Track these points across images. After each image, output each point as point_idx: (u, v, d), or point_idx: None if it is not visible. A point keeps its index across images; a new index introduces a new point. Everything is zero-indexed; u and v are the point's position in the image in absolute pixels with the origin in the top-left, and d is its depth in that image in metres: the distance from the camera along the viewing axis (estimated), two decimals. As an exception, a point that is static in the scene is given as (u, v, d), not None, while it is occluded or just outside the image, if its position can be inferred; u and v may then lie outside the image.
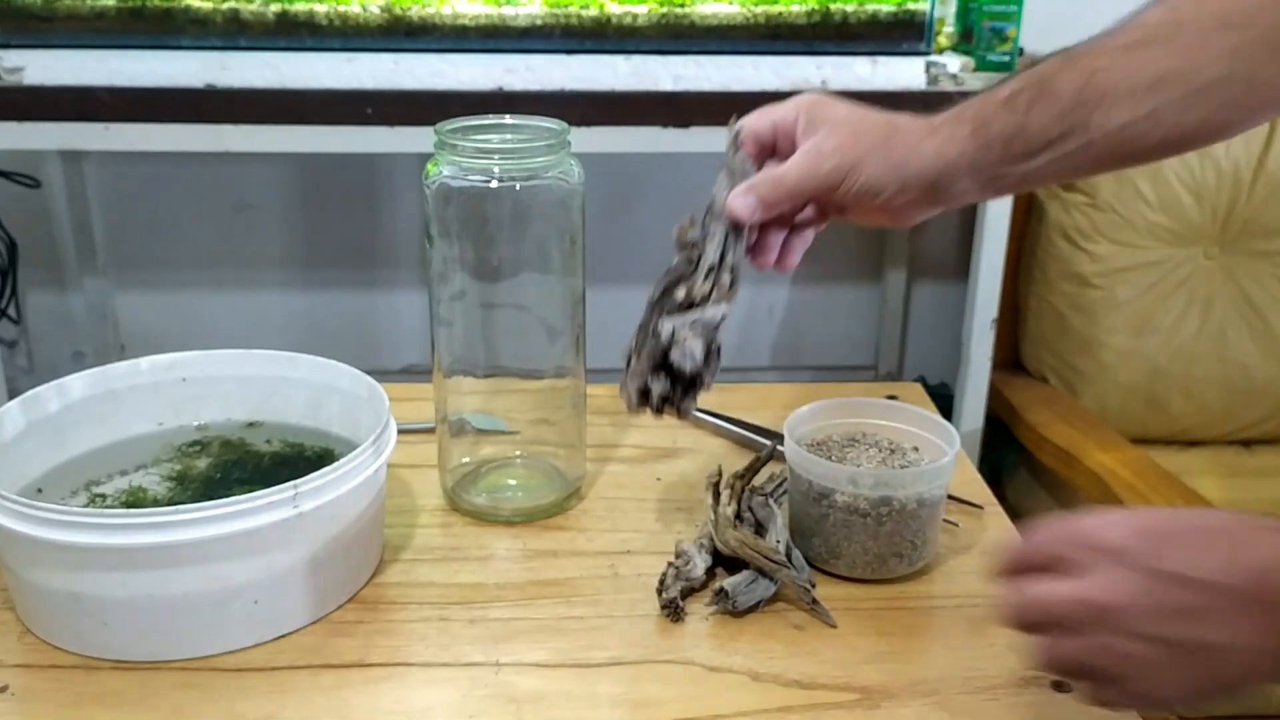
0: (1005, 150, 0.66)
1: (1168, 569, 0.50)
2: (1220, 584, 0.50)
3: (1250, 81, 0.65)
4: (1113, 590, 0.51)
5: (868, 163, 0.66)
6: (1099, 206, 1.75)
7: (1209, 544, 0.51)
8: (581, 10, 1.52)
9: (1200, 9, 0.65)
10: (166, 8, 1.50)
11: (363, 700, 0.66)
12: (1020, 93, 0.66)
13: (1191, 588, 0.50)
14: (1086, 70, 0.65)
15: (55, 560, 0.67)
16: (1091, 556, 0.52)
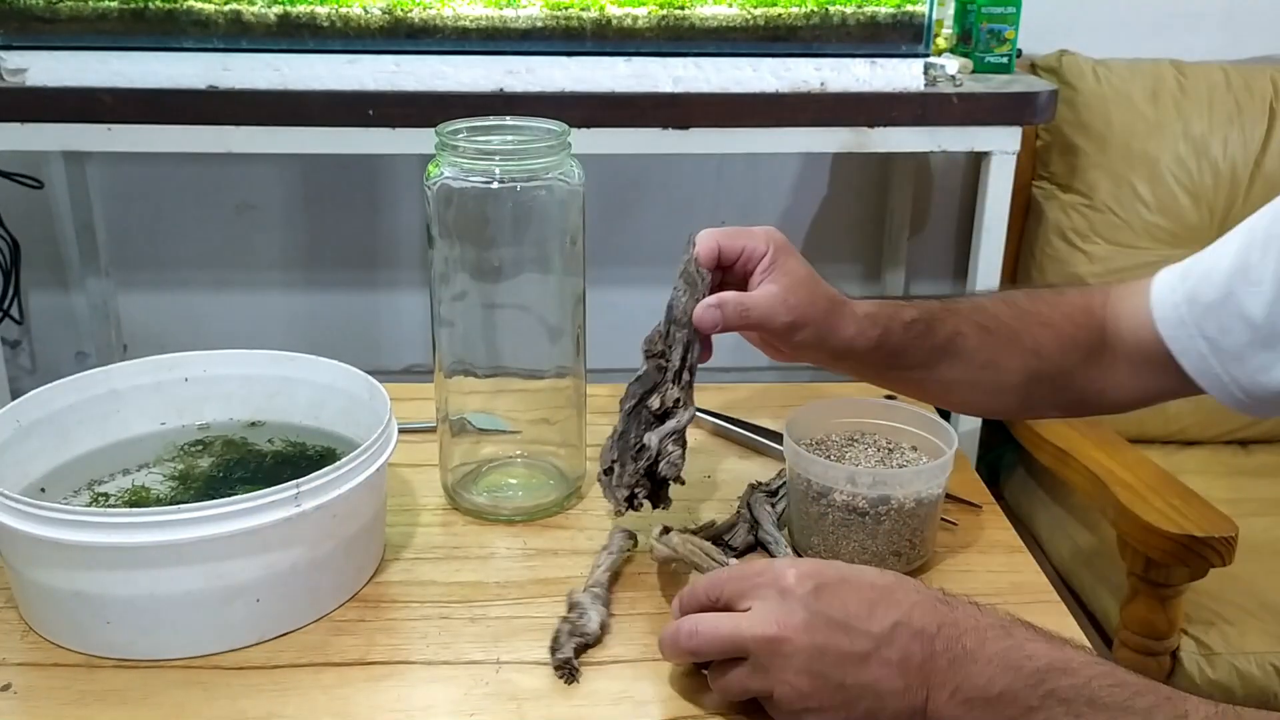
0: (890, 360, 0.81)
1: (826, 614, 0.57)
2: (875, 632, 0.57)
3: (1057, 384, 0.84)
4: (778, 622, 0.57)
5: (810, 328, 0.77)
6: (1096, 207, 1.75)
7: (867, 597, 0.58)
8: (582, 12, 1.53)
9: (1026, 321, 0.84)
10: (169, 9, 1.50)
11: (364, 698, 0.66)
12: (916, 321, 0.81)
13: (848, 633, 0.57)
14: (954, 330, 0.82)
15: (58, 559, 0.67)
16: (760, 592, 0.58)
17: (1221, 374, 0.78)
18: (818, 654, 0.57)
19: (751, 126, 1.56)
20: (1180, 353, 0.80)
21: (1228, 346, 0.77)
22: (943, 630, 0.57)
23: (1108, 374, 0.85)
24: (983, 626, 0.57)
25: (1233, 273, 0.77)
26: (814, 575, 0.58)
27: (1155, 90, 1.75)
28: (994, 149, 1.59)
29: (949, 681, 0.57)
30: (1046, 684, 0.55)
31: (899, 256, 2.10)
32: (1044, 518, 1.69)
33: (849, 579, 0.59)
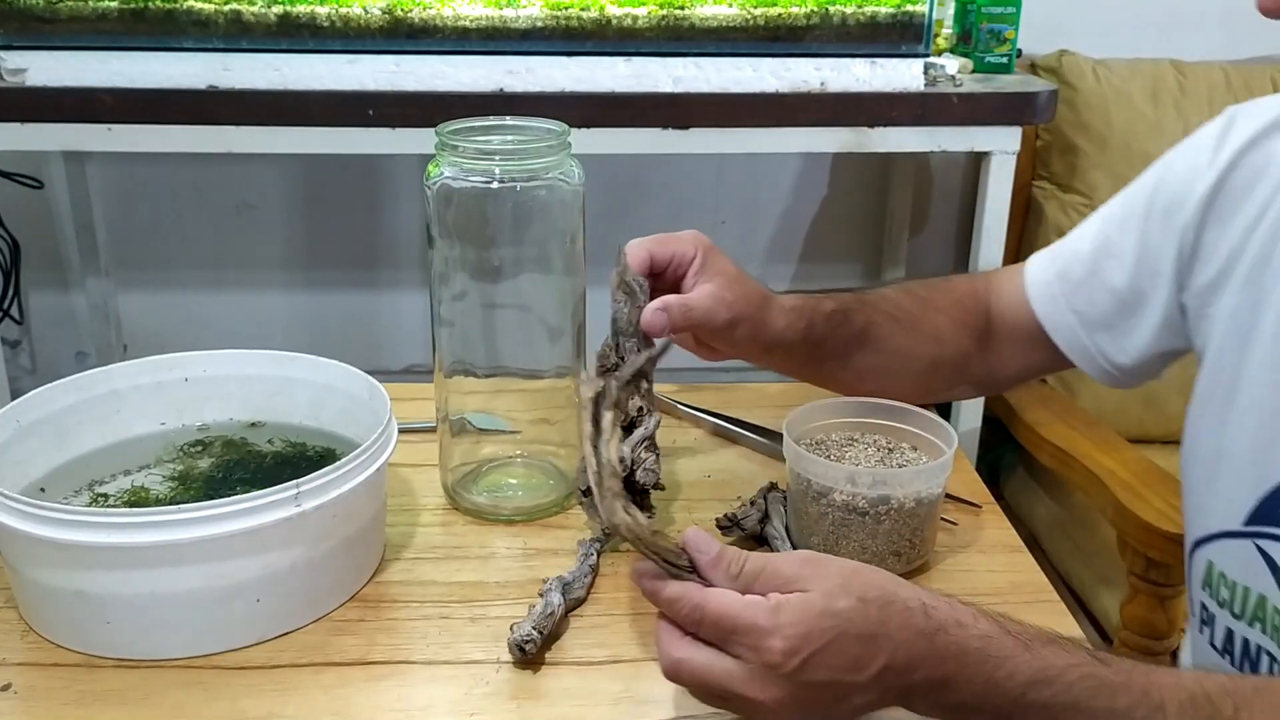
0: (813, 351, 0.86)
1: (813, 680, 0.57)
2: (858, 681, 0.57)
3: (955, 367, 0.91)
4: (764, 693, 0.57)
5: (747, 323, 0.80)
6: (1096, 207, 1.75)
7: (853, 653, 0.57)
8: (582, 12, 1.53)
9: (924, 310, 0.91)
10: (169, 9, 1.50)
11: (364, 698, 0.66)
12: (836, 312, 0.86)
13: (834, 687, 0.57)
14: (867, 320, 0.88)
15: (58, 559, 0.67)
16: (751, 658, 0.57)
17: (1089, 345, 0.86)
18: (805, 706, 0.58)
19: (751, 126, 1.56)
20: (1052, 328, 0.88)
21: (1095, 318, 0.85)
22: (925, 663, 0.58)
23: (994, 355, 0.92)
24: (966, 646, 0.58)
25: (1096, 250, 0.86)
26: (800, 650, 0.56)
27: (1155, 90, 1.75)
28: (994, 149, 1.59)
29: (930, 700, 0.58)
30: (1028, 697, 0.57)
31: (899, 256, 2.10)
32: (1044, 518, 1.69)
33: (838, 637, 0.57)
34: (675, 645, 0.59)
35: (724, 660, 0.58)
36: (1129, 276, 0.83)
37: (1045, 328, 0.88)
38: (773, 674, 0.57)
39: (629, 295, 0.76)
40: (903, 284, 0.96)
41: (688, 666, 0.59)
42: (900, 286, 0.95)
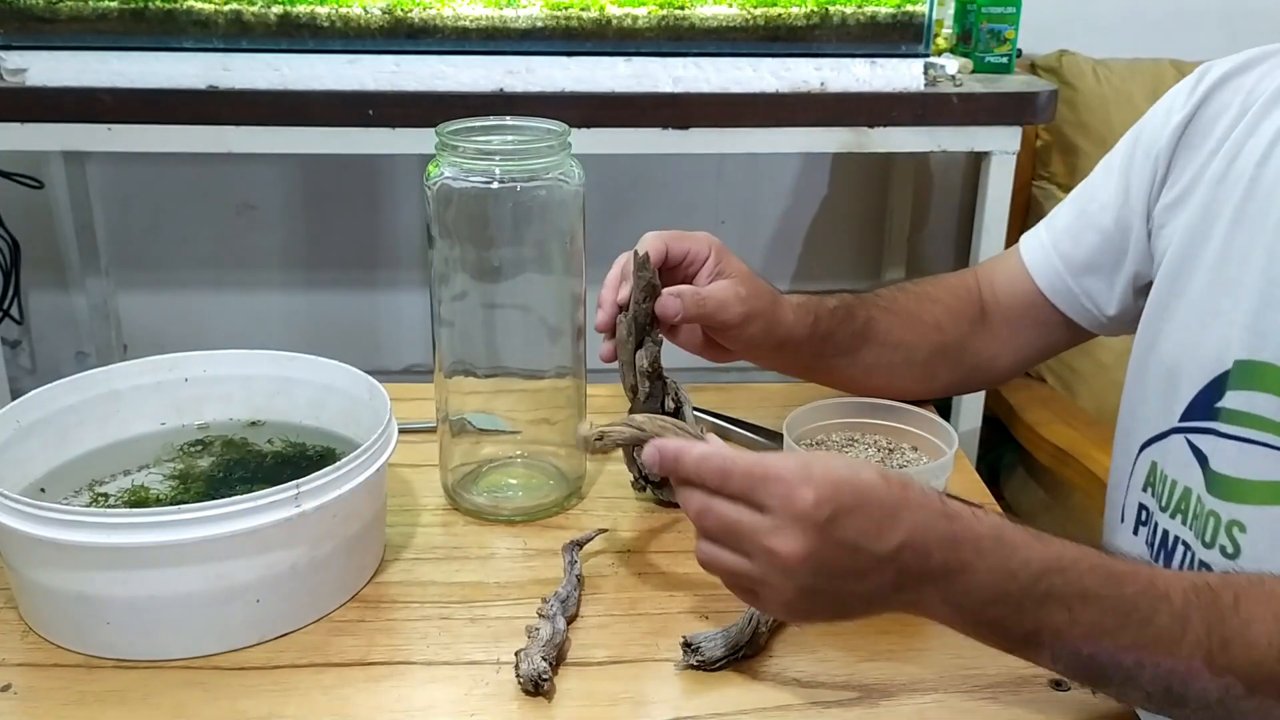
0: (820, 347, 0.88)
1: (839, 537, 0.57)
2: (878, 553, 0.57)
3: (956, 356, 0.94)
4: (788, 545, 0.57)
5: (760, 319, 0.83)
6: (1098, 207, 1.75)
7: (876, 518, 0.58)
8: (582, 12, 1.53)
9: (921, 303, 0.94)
10: (169, 9, 1.50)
11: (364, 699, 0.66)
12: (839, 309, 0.89)
13: (855, 554, 0.57)
14: (867, 315, 0.91)
15: (58, 559, 0.67)
16: (781, 508, 0.57)
17: (1076, 289, 0.89)
18: (824, 574, 0.58)
19: (751, 126, 1.56)
20: (1039, 274, 0.91)
21: (1081, 260, 0.89)
22: (942, 545, 0.58)
23: (991, 340, 0.95)
24: (981, 535, 0.59)
25: (1080, 197, 0.91)
26: (831, 500, 0.57)
27: (1155, 90, 1.73)
28: (994, 149, 1.59)
29: (943, 590, 0.59)
30: (1040, 586, 0.58)
31: (899, 256, 2.10)
32: (1044, 518, 1.69)
33: (863, 497, 0.58)
34: (701, 497, 0.60)
35: (750, 512, 0.58)
36: (1113, 216, 0.87)
37: (1033, 275, 0.91)
38: (801, 524, 0.57)
39: (649, 294, 0.78)
40: (895, 284, 0.99)
41: (715, 512, 0.59)
42: (893, 286, 0.98)
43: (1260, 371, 0.74)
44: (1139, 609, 0.58)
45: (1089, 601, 0.58)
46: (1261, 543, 0.74)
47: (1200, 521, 0.77)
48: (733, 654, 0.68)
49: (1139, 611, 0.58)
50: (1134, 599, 0.58)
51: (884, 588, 0.58)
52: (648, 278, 0.78)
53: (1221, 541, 0.75)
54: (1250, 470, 0.74)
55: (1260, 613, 0.57)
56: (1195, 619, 0.57)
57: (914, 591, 0.59)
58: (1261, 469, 0.74)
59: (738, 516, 0.58)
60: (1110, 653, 0.58)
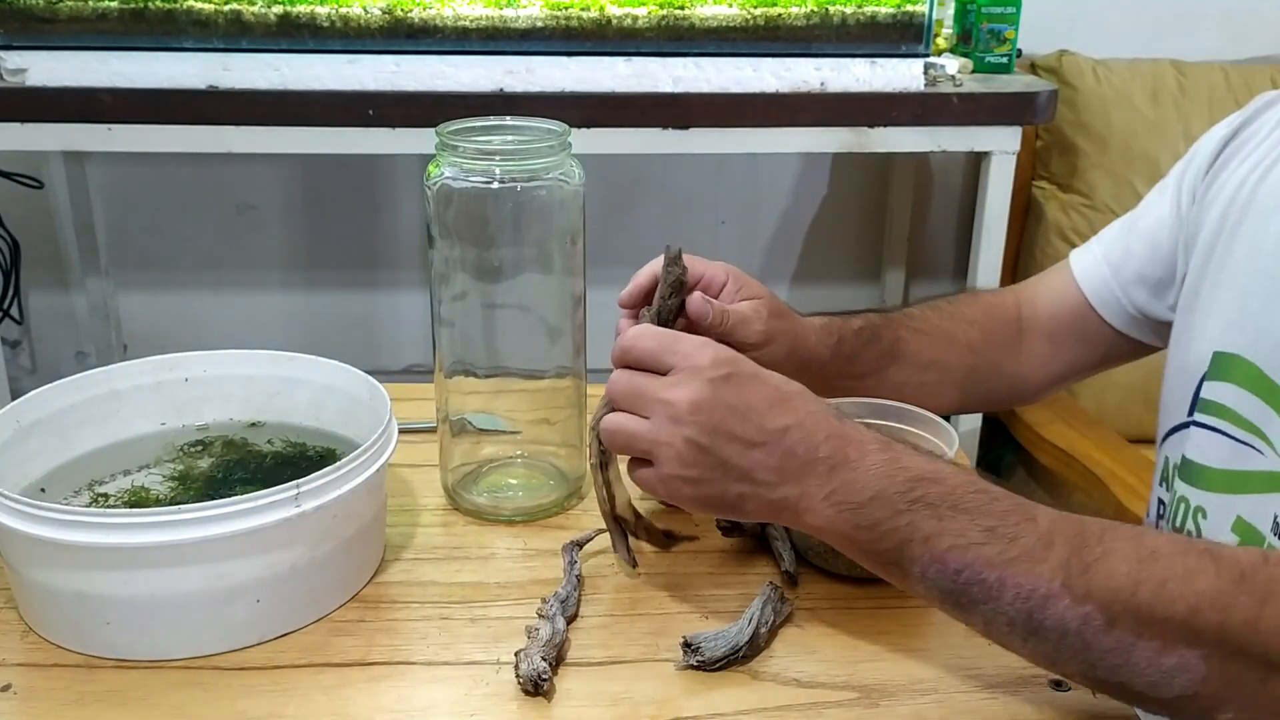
0: (845, 367, 0.87)
1: (730, 398, 0.62)
2: (768, 427, 0.61)
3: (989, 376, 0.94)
4: (680, 392, 0.63)
5: (781, 342, 0.83)
6: (1096, 207, 1.75)
7: (770, 394, 0.63)
8: (582, 12, 1.53)
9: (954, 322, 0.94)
10: (168, 9, 1.50)
11: (364, 699, 0.66)
12: (864, 329, 0.88)
13: (744, 419, 0.62)
14: (895, 335, 0.90)
15: (58, 560, 0.67)
16: (681, 365, 0.64)
17: (1123, 298, 0.89)
18: (709, 429, 0.62)
19: (751, 126, 1.57)
20: (1087, 284, 0.91)
21: (1130, 270, 0.89)
22: (829, 439, 0.62)
23: (1027, 358, 0.95)
24: (866, 440, 0.62)
25: (1133, 211, 0.92)
26: (729, 364, 0.63)
27: (1155, 90, 1.75)
28: (994, 149, 1.59)
29: (825, 485, 0.61)
30: (916, 491, 0.60)
31: (899, 256, 2.10)
32: (1044, 518, 1.69)
33: (760, 376, 0.64)
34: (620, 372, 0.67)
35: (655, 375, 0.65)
36: (1168, 231, 0.87)
37: (1081, 285, 0.91)
38: (696, 376, 0.63)
39: (676, 290, 0.77)
40: (927, 301, 0.98)
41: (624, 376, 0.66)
42: (924, 304, 0.97)
43: (1231, 363, 0.75)
44: (1005, 524, 0.59)
45: (959, 511, 0.59)
46: (1217, 531, 0.76)
47: (1173, 508, 0.80)
48: (733, 654, 0.68)
49: (1005, 527, 0.59)
50: (1002, 514, 0.59)
51: (769, 470, 0.62)
52: (678, 273, 0.77)
53: (1188, 527, 0.77)
54: (1212, 458, 0.76)
55: (1123, 547, 0.58)
56: (1059, 542, 0.58)
57: (797, 483, 0.61)
58: (1221, 457, 0.76)
59: (644, 380, 0.65)
60: (975, 568, 0.58)
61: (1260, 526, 0.75)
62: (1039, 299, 0.96)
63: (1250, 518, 0.75)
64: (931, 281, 2.17)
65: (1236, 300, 0.77)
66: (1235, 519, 0.76)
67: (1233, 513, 0.75)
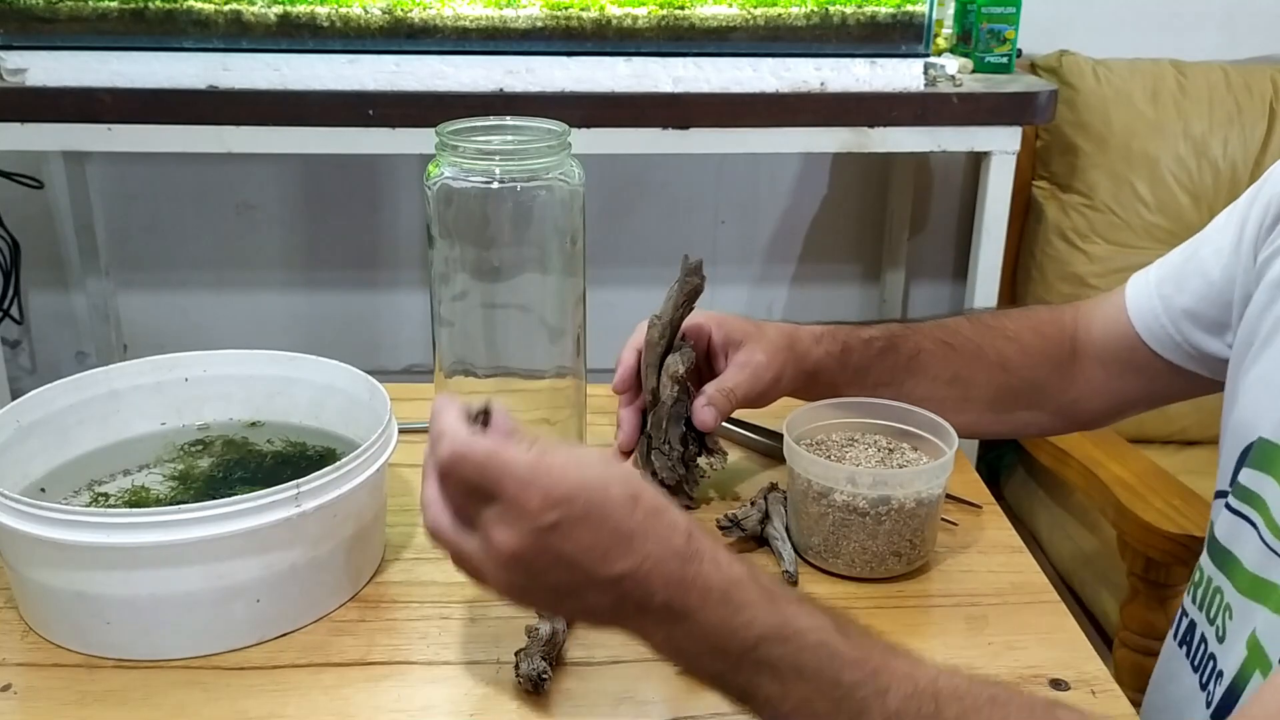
0: (857, 378, 0.85)
1: (557, 549, 0.54)
2: (596, 575, 0.54)
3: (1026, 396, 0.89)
4: (502, 537, 0.55)
5: (788, 367, 0.82)
6: (1096, 208, 1.75)
7: (604, 539, 0.55)
8: (582, 12, 1.53)
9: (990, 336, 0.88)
10: (168, 9, 1.50)
11: (364, 698, 0.66)
12: (876, 339, 0.86)
13: (571, 570, 0.55)
14: (916, 347, 0.87)
15: (58, 559, 0.67)
16: (509, 498, 0.55)
17: (1175, 335, 0.82)
18: (533, 575, 0.56)
19: (751, 126, 1.56)
20: (1137, 316, 0.84)
21: (1181, 305, 0.82)
22: (667, 586, 0.55)
23: (1079, 383, 0.88)
24: (709, 588, 0.55)
25: (1196, 237, 0.84)
26: (559, 507, 0.54)
27: (1155, 90, 1.75)
28: (994, 149, 1.59)
29: (660, 631, 0.56)
30: (759, 651, 0.55)
31: (899, 256, 2.10)
32: (1044, 518, 1.69)
33: (591, 518, 0.55)
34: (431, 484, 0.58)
35: (483, 496, 0.56)
36: (1223, 264, 0.79)
37: (1131, 316, 0.85)
38: (520, 523, 0.54)
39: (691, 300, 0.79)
40: (972, 311, 0.94)
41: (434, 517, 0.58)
42: (967, 314, 0.93)
43: (1275, 454, 0.68)
44: (852, 699, 0.54)
45: (804, 679, 0.54)
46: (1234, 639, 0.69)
47: (1207, 593, 0.74)
48: None
49: (851, 702, 0.54)
50: (850, 687, 0.54)
51: (602, 609, 0.56)
52: (696, 283, 0.78)
53: (1219, 623, 0.72)
54: (1243, 553, 0.70)
55: None
56: None
57: (635, 621, 0.56)
58: (1250, 557, 0.69)
59: (466, 500, 0.57)
60: None
61: (1270, 650, 0.67)
62: (1095, 321, 0.88)
63: (1263, 636, 0.68)
64: (932, 281, 2.17)
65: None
66: (1250, 632, 0.68)
67: (1250, 623, 0.69)
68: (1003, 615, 0.75)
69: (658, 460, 0.82)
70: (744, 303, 2.13)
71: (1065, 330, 0.89)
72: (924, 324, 0.89)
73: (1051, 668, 0.69)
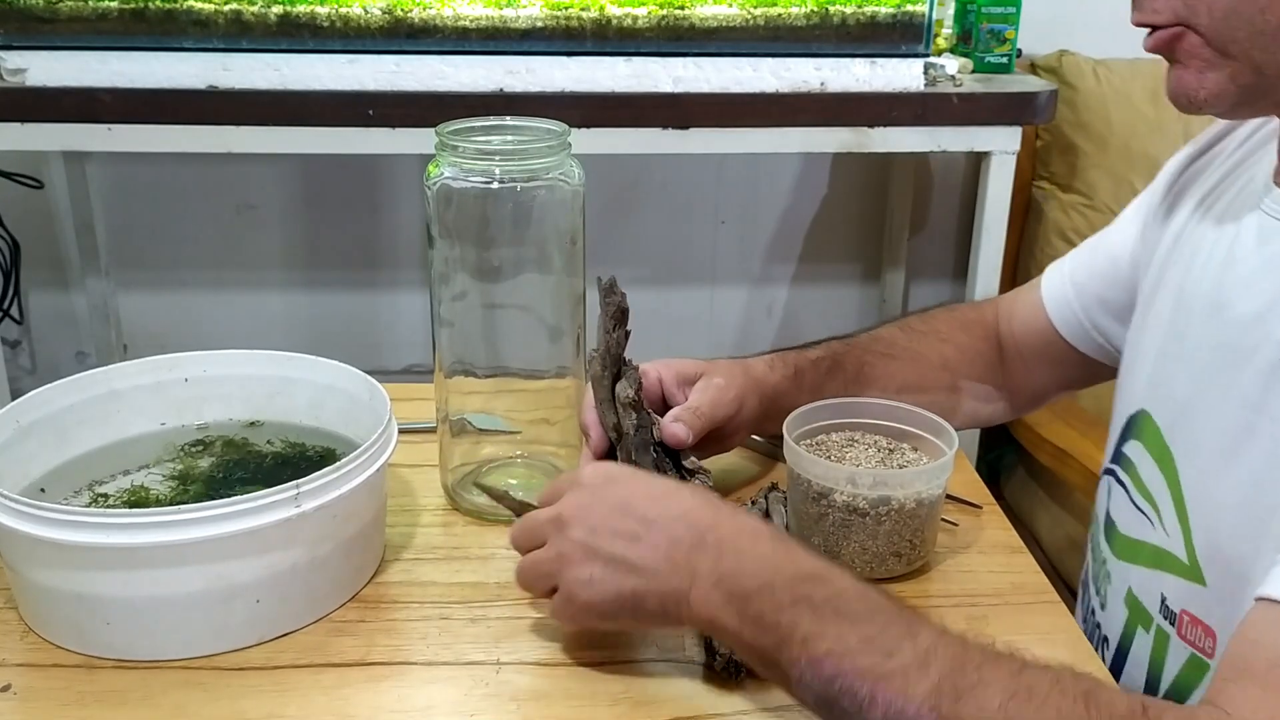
0: (811, 396, 0.85)
1: (610, 497, 0.64)
2: (650, 518, 0.62)
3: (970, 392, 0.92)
4: (566, 506, 0.65)
5: (748, 395, 0.83)
6: (1096, 207, 1.75)
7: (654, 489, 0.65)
8: (582, 12, 1.53)
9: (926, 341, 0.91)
10: (168, 9, 1.50)
11: (364, 699, 0.66)
12: (823, 359, 0.88)
13: (629, 516, 0.63)
14: (859, 362, 0.89)
15: (58, 560, 0.67)
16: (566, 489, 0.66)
17: (1086, 322, 0.86)
18: (592, 528, 0.63)
19: (751, 126, 1.56)
20: (1053, 307, 0.88)
21: (1093, 291, 0.86)
22: (718, 525, 0.62)
23: (1009, 377, 0.92)
24: (760, 530, 0.62)
25: (1103, 231, 0.89)
26: (606, 471, 0.66)
27: (1155, 90, 1.74)
28: (994, 149, 1.59)
29: (714, 570, 0.60)
30: (802, 588, 0.59)
31: (899, 256, 2.10)
32: (1044, 518, 1.69)
33: (639, 476, 0.66)
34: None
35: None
36: (1130, 251, 0.84)
37: (1047, 307, 0.88)
38: (575, 489, 0.66)
39: (620, 320, 0.77)
40: (896, 320, 0.96)
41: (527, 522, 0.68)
42: (893, 323, 0.95)
43: (1144, 422, 0.73)
44: (884, 637, 0.56)
45: (840, 616, 0.57)
46: (1114, 601, 0.73)
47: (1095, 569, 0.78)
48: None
49: (884, 639, 0.56)
50: (883, 625, 0.57)
51: (657, 560, 0.61)
52: (617, 301, 0.75)
53: (1095, 589, 0.76)
54: (1120, 519, 0.74)
55: (1000, 679, 0.55)
56: (935, 663, 0.55)
57: (687, 570, 0.61)
58: (1124, 520, 0.73)
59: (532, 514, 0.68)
60: (848, 678, 0.56)
61: (1147, 604, 0.72)
62: (1015, 315, 0.93)
63: (1139, 592, 0.73)
64: (931, 282, 2.17)
65: (1155, 352, 0.75)
66: (1126, 590, 0.73)
67: (1125, 583, 0.73)
68: (1003, 615, 0.75)
69: None
70: (744, 302, 2.13)
71: (989, 326, 0.93)
72: (859, 339, 0.92)
73: (1051, 668, 0.69)
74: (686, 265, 2.12)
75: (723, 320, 2.14)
